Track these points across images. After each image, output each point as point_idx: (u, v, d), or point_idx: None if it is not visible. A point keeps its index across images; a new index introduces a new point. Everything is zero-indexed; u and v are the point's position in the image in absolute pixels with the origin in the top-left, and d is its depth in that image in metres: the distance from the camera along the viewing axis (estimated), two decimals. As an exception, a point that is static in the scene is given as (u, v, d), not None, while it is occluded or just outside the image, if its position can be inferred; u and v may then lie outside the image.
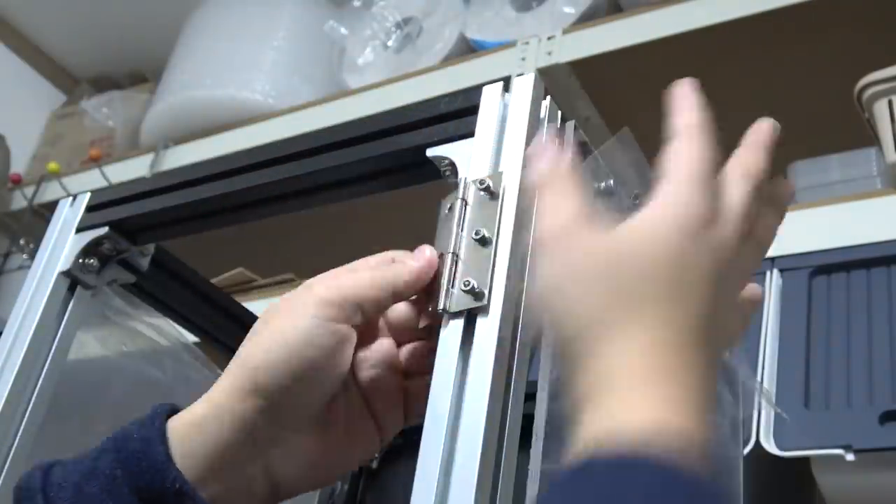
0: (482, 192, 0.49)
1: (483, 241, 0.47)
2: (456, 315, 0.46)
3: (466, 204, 0.49)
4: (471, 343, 0.45)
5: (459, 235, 0.48)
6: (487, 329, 0.45)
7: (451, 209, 0.50)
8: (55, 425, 0.64)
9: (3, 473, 0.59)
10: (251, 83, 1.71)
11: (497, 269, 0.47)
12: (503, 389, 0.45)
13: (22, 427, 0.61)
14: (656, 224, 0.41)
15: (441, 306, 0.47)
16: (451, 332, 0.46)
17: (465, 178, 0.50)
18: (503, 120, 0.52)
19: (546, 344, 0.47)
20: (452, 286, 0.47)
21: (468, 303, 0.46)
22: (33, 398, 0.62)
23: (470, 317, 0.46)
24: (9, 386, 0.62)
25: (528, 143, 0.51)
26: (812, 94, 1.29)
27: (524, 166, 0.49)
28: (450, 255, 0.48)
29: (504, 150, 0.51)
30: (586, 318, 0.40)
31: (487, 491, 0.42)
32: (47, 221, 0.68)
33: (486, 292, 0.46)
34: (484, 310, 0.46)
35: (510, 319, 0.46)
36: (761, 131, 0.47)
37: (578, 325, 0.40)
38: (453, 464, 0.43)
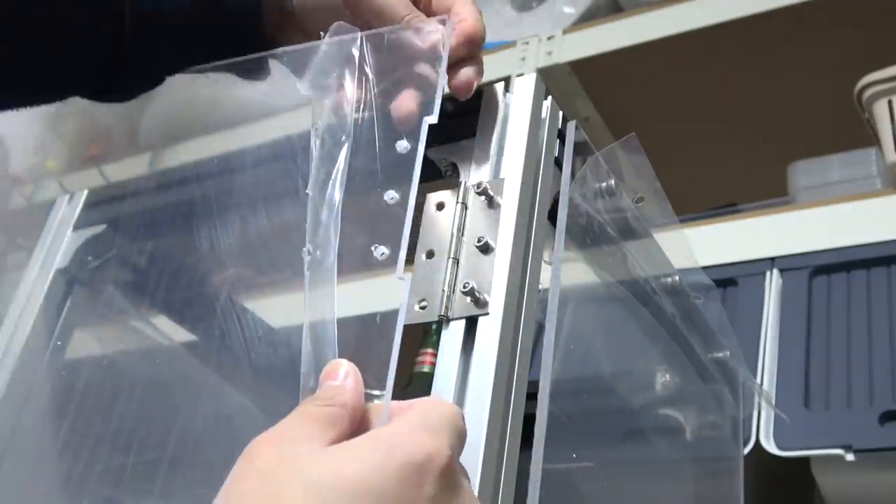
0: (482, 198, 0.49)
1: (485, 249, 0.47)
2: (456, 319, 0.46)
3: (466, 209, 0.49)
4: (472, 347, 0.45)
5: (459, 240, 0.48)
6: (489, 334, 0.45)
7: (440, 207, 0.50)
8: (52, 424, 0.64)
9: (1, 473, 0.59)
10: (251, 81, 1.71)
11: (499, 275, 0.46)
12: (504, 391, 0.44)
13: (19, 426, 0.61)
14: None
15: (440, 312, 0.46)
16: (451, 337, 0.46)
17: (465, 183, 0.50)
18: (504, 120, 0.52)
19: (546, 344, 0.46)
20: (453, 292, 0.47)
21: (469, 309, 0.46)
22: (31, 397, 0.62)
23: (470, 320, 0.46)
24: (6, 384, 0.61)
25: (529, 143, 0.50)
26: (812, 94, 1.29)
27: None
28: (449, 259, 0.47)
29: (506, 150, 0.51)
30: None
31: (489, 491, 0.42)
32: (45, 219, 0.68)
33: (488, 299, 0.46)
34: (485, 315, 0.45)
35: (511, 324, 0.46)
36: None
37: None
38: (454, 464, 0.43)
